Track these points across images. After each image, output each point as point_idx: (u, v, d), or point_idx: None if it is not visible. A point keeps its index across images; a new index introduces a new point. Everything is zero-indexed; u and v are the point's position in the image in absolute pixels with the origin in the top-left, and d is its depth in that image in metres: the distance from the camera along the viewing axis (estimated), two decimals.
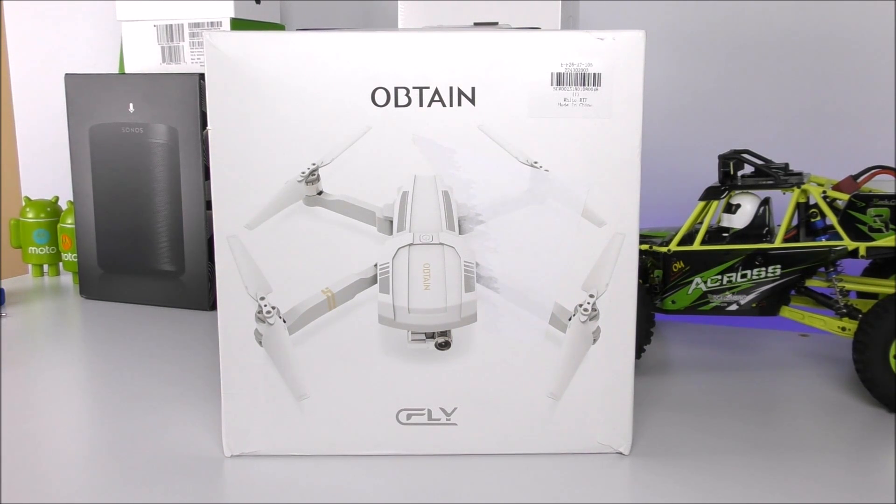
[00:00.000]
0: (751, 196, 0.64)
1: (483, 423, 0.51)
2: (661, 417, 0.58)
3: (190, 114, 0.84)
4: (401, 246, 0.49)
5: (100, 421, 0.59)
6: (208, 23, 0.87)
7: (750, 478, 0.49)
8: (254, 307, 0.50)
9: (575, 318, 0.50)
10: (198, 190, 0.85)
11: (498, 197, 0.49)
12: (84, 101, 0.87)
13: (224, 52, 0.48)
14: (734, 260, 0.63)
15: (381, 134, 0.48)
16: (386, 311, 0.49)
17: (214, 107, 0.48)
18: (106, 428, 0.57)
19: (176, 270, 0.88)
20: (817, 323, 0.63)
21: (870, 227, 0.60)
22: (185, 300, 0.88)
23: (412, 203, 0.49)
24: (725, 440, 0.55)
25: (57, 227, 0.99)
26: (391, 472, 0.50)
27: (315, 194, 0.49)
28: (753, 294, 0.63)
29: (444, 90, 0.48)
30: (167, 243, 0.87)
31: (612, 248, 0.49)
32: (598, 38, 0.47)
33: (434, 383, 0.51)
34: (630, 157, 0.49)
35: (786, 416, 0.59)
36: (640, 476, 0.50)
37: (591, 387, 0.51)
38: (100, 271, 0.91)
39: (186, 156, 0.85)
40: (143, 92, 0.85)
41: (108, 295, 0.91)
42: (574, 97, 0.48)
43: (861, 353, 0.58)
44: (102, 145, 0.88)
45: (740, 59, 0.91)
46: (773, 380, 0.66)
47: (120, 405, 0.61)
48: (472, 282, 0.49)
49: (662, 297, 0.65)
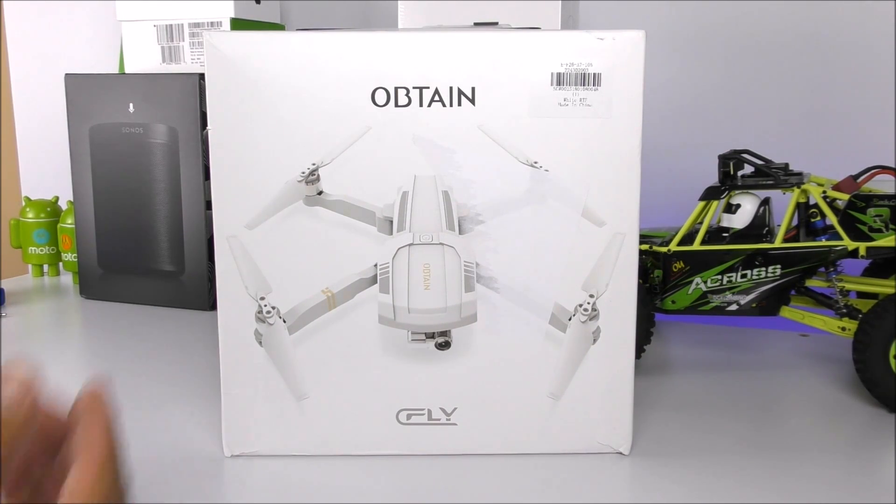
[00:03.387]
0: (751, 196, 0.64)
1: (483, 423, 0.51)
2: (661, 417, 0.58)
3: (190, 114, 0.84)
4: (401, 246, 0.49)
5: None
6: (208, 23, 0.87)
7: (750, 478, 0.49)
8: (254, 307, 0.50)
9: (575, 318, 0.50)
10: (198, 190, 0.85)
11: (498, 197, 0.49)
12: (84, 101, 0.87)
13: (224, 52, 0.48)
14: (734, 260, 0.62)
15: (381, 134, 0.48)
16: (386, 311, 0.49)
17: (214, 107, 0.48)
18: None
19: (176, 270, 0.88)
20: (817, 323, 0.63)
21: (870, 227, 0.60)
22: (185, 300, 0.88)
23: (412, 203, 0.49)
24: (725, 440, 0.55)
25: (57, 227, 0.99)
26: (391, 472, 0.50)
27: (315, 194, 0.49)
28: (753, 294, 0.63)
29: (444, 90, 0.48)
30: (167, 243, 0.87)
31: (612, 248, 0.49)
32: (598, 38, 0.47)
33: (434, 383, 0.51)
34: (630, 157, 0.49)
35: (786, 416, 0.59)
36: (640, 476, 0.50)
37: (591, 387, 0.51)
38: (100, 271, 0.91)
39: (186, 156, 0.85)
40: (143, 92, 0.85)
41: (108, 295, 0.91)
42: (574, 97, 0.48)
43: (861, 353, 0.58)
44: (102, 145, 0.88)
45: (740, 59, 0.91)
46: (773, 380, 0.66)
47: (120, 405, 0.61)
48: (472, 282, 0.49)
49: (662, 297, 0.65)
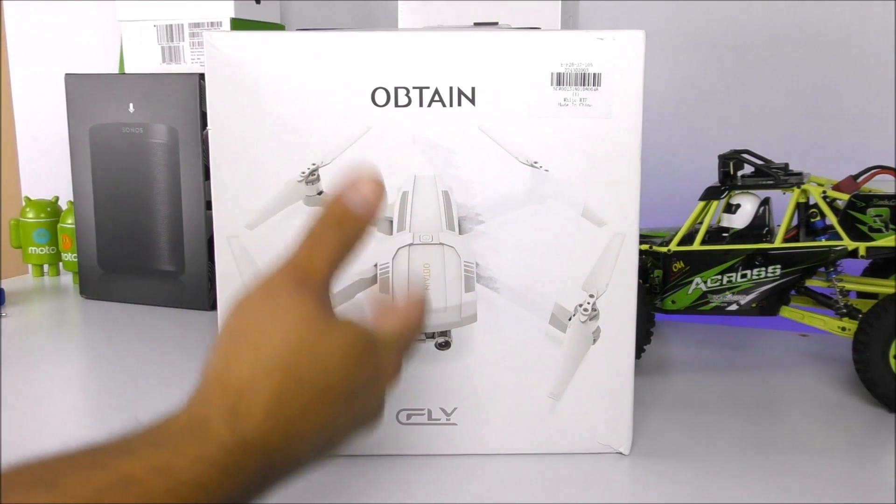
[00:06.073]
0: (751, 196, 0.64)
1: (483, 423, 0.51)
2: (661, 417, 0.58)
3: (190, 114, 0.84)
4: (401, 246, 0.49)
5: (99, 421, 0.59)
6: (208, 23, 0.87)
7: (750, 478, 0.49)
8: None
9: (575, 318, 0.50)
10: (198, 190, 0.85)
11: (498, 197, 0.49)
12: (84, 101, 0.87)
13: (224, 52, 0.48)
14: (734, 260, 0.62)
15: (381, 134, 0.48)
16: None
17: (214, 107, 0.48)
18: (106, 428, 0.57)
19: (176, 270, 0.88)
20: (817, 323, 0.63)
21: (870, 227, 0.60)
22: (185, 300, 0.87)
23: (412, 203, 0.49)
24: (725, 440, 0.55)
25: (57, 227, 0.99)
26: (391, 472, 0.50)
27: (315, 194, 0.49)
28: (753, 294, 0.63)
29: (444, 90, 0.48)
30: (167, 243, 0.87)
31: (612, 248, 0.49)
32: (598, 38, 0.47)
33: (434, 383, 0.51)
34: (630, 157, 0.49)
35: (786, 416, 0.59)
36: (640, 476, 0.50)
37: (591, 387, 0.51)
38: (100, 271, 0.91)
39: (186, 156, 0.85)
40: (143, 92, 0.85)
41: (108, 295, 0.91)
42: (574, 97, 0.48)
43: (861, 353, 0.58)
44: (102, 145, 0.88)
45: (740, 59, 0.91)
46: (773, 380, 0.66)
47: (119, 405, 0.61)
48: (472, 282, 0.49)
49: (662, 297, 0.65)
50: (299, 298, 0.32)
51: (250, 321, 0.32)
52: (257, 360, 0.31)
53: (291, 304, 0.32)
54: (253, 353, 0.31)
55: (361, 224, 0.35)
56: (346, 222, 0.34)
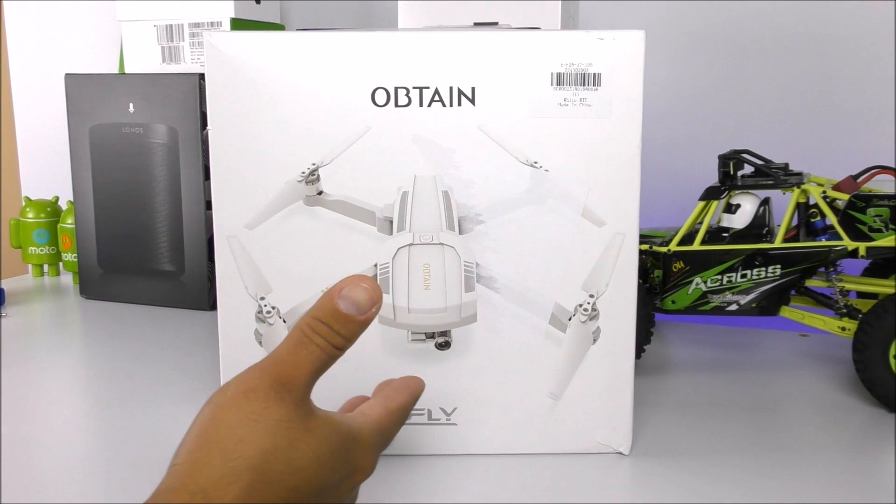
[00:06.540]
0: (751, 196, 0.64)
1: (483, 423, 0.51)
2: (661, 417, 0.58)
3: (190, 114, 0.84)
4: (401, 246, 0.49)
5: (99, 421, 0.59)
6: (208, 23, 0.87)
7: (750, 478, 0.49)
8: (254, 307, 0.50)
9: (575, 318, 0.50)
10: (198, 190, 0.85)
11: (498, 197, 0.49)
12: (84, 101, 0.87)
13: (224, 52, 0.48)
14: (734, 260, 0.62)
15: (381, 134, 0.48)
16: (386, 312, 0.49)
17: (214, 107, 0.48)
18: (105, 428, 0.57)
19: (176, 270, 0.88)
20: (817, 323, 0.63)
21: (870, 227, 0.60)
22: (185, 300, 0.88)
23: (412, 203, 0.49)
24: (725, 440, 0.55)
25: (57, 227, 0.99)
26: (393, 472, 0.50)
27: (315, 194, 0.49)
28: (753, 294, 0.63)
29: (444, 90, 0.48)
30: (167, 243, 0.87)
31: (612, 248, 0.49)
32: (598, 38, 0.47)
33: (434, 383, 0.51)
34: (630, 157, 0.49)
35: (786, 416, 0.59)
36: (640, 476, 0.50)
37: (591, 387, 0.51)
38: (100, 271, 0.91)
39: (186, 156, 0.85)
40: (143, 92, 0.85)
41: (108, 295, 0.91)
42: (574, 97, 0.48)
43: (861, 353, 0.58)
44: (102, 145, 0.88)
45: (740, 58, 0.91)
46: (773, 380, 0.66)
47: (120, 405, 0.61)
48: (472, 282, 0.49)
49: (662, 297, 0.65)
50: (276, 402, 0.32)
51: (222, 424, 0.31)
52: (226, 465, 0.30)
53: (267, 409, 0.32)
54: (221, 458, 0.31)
55: (352, 331, 0.33)
56: (335, 327, 0.33)
